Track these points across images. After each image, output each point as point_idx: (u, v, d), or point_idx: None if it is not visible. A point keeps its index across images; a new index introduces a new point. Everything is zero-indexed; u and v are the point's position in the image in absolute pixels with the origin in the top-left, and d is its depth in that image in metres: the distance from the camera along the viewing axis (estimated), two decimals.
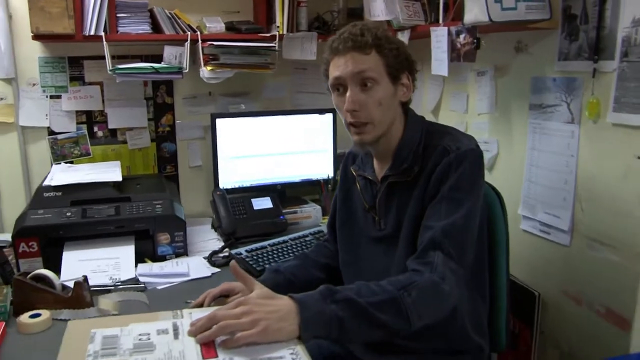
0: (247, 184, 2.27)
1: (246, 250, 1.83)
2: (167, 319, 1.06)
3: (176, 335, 1.00)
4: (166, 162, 2.34)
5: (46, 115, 2.12)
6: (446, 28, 1.64)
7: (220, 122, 2.17)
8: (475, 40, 1.54)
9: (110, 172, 1.92)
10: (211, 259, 1.82)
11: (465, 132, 1.33)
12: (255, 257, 1.79)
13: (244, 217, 2.09)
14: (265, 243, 1.89)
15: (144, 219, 1.78)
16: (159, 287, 1.63)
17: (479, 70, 1.84)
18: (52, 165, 2.12)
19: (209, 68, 2.02)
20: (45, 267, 1.67)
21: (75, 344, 0.96)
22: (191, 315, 1.07)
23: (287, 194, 2.36)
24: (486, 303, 1.37)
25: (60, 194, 1.79)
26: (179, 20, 2.04)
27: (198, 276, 1.70)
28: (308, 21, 2.22)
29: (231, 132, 2.20)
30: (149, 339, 0.98)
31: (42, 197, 1.78)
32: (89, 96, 2.16)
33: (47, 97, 2.12)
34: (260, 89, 2.41)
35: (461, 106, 1.96)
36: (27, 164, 2.14)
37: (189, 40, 2.01)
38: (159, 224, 1.80)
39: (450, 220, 1.18)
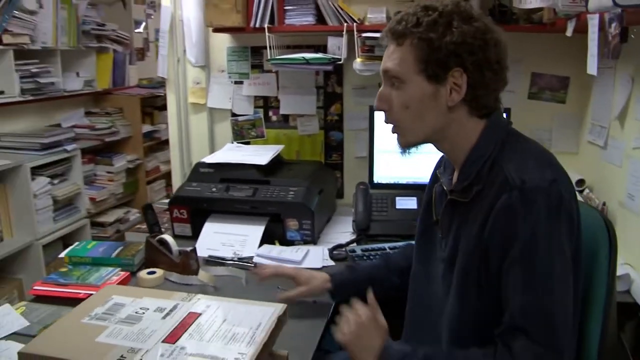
0: (403, 180, 2.18)
1: (362, 249, 1.78)
2: (176, 299, 1.12)
3: (166, 316, 1.05)
4: (333, 150, 2.40)
5: (230, 98, 2.39)
6: (597, 15, 1.29)
7: (378, 115, 2.12)
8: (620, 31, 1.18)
9: (261, 155, 2.06)
10: (333, 251, 1.83)
11: (544, 154, 1.04)
12: (365, 258, 1.73)
13: (383, 214, 2.03)
14: (386, 245, 1.80)
15: (275, 203, 1.87)
16: None
17: None
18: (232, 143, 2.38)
19: (359, 60, 1.99)
20: (193, 233, 1.93)
21: (91, 304, 1.10)
22: (199, 301, 1.11)
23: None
24: None
25: (212, 170, 2.01)
26: (341, 12, 2.05)
27: (309, 266, 1.72)
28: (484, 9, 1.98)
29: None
30: (143, 313, 1.06)
31: (198, 171, 2.03)
32: (266, 83, 2.34)
33: (231, 82, 2.38)
34: None
35: None
36: (213, 141, 2.46)
37: (345, 31, 2.01)
38: (288, 210, 1.87)
39: (529, 296, 0.95)
